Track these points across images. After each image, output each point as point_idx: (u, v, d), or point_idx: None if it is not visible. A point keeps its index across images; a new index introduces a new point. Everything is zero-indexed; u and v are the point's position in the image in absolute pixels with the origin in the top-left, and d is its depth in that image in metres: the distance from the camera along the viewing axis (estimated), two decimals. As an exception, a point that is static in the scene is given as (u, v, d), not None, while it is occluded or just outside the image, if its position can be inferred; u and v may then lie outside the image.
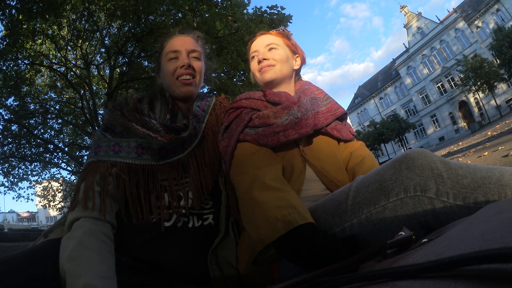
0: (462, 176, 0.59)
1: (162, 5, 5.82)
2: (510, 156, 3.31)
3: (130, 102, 0.92)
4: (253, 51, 1.08)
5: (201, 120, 0.99)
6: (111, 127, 0.90)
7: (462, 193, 0.57)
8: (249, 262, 0.78)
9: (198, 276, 0.87)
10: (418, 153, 0.63)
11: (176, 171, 0.89)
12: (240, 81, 6.51)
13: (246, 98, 1.02)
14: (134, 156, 0.86)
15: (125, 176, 0.83)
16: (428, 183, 0.59)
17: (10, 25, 5.94)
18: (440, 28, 31.12)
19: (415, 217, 0.60)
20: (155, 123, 0.88)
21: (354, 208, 0.67)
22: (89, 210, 0.78)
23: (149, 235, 0.84)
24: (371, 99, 40.96)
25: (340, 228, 0.69)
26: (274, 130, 0.88)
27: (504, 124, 11.90)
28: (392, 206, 0.62)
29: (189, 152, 0.91)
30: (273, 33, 1.08)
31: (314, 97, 0.99)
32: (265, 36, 1.07)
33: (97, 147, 0.87)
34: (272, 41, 1.05)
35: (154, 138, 0.86)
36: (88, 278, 0.65)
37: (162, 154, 0.87)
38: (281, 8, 5.63)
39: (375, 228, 0.64)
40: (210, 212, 0.94)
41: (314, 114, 0.93)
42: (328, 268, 0.44)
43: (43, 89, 9.09)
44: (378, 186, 0.64)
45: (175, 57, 1.00)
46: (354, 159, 0.99)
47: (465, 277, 0.24)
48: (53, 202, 11.48)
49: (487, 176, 0.58)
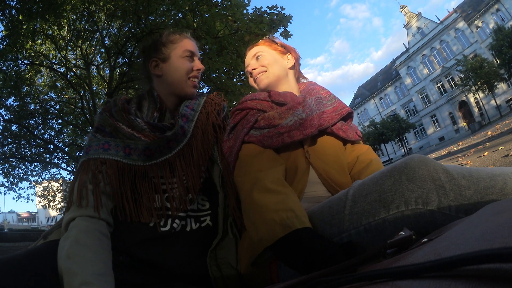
0: (465, 187, 0.57)
1: (162, 5, 5.82)
2: (510, 156, 3.31)
3: (119, 103, 0.93)
4: (246, 67, 1.12)
5: (190, 119, 0.97)
6: (102, 128, 0.90)
7: (465, 206, 0.56)
8: (250, 262, 0.78)
9: (197, 277, 0.87)
10: (419, 162, 0.60)
11: (163, 171, 0.88)
12: (240, 81, 6.50)
13: (252, 99, 1.02)
14: (122, 155, 0.86)
15: (113, 173, 0.83)
16: (430, 195, 0.57)
17: (10, 25, 5.94)
18: (440, 28, 31.12)
19: (416, 229, 0.59)
20: (140, 122, 0.88)
21: (352, 218, 0.65)
22: (83, 208, 0.78)
23: (146, 235, 0.84)
24: (371, 99, 40.98)
25: (338, 238, 0.68)
26: (278, 131, 0.88)
27: (504, 124, 11.90)
28: (392, 218, 0.60)
29: (177, 152, 0.91)
30: (258, 43, 1.12)
31: (319, 97, 0.98)
32: (251, 49, 1.11)
33: (88, 147, 0.88)
34: (257, 51, 1.09)
35: (138, 138, 0.87)
36: (84, 276, 0.65)
37: (147, 154, 0.87)
38: (281, 8, 5.63)
39: (374, 239, 0.63)
40: (207, 214, 0.94)
41: (319, 114, 0.92)
42: (328, 269, 0.44)
43: (43, 89, 9.08)
44: (377, 197, 0.62)
45: (190, 57, 1.01)
46: (360, 163, 0.98)
47: (465, 277, 0.24)
48: (53, 202, 11.47)
49: (490, 185, 0.56)
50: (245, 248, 0.85)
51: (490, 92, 23.16)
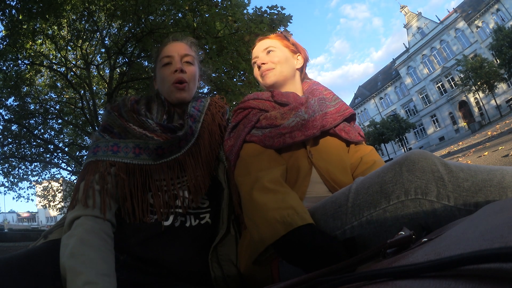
0: (463, 179, 0.58)
1: (162, 5, 5.82)
2: (510, 156, 3.31)
3: (128, 103, 0.94)
4: (254, 58, 1.09)
5: (197, 120, 0.99)
6: (109, 128, 0.91)
7: (463, 196, 0.57)
8: (250, 261, 0.78)
9: (197, 275, 0.87)
10: (419, 155, 0.62)
11: (173, 170, 0.89)
12: (240, 81, 6.50)
13: (254, 98, 1.02)
14: (132, 156, 0.86)
15: (124, 175, 0.84)
16: (429, 186, 0.59)
17: (10, 25, 5.94)
18: (440, 28, 31.12)
19: (416, 220, 0.60)
20: (152, 123, 0.89)
21: (354, 210, 0.66)
22: (89, 208, 0.78)
23: (148, 234, 0.85)
24: (371, 99, 40.98)
25: (340, 230, 0.68)
26: (280, 132, 0.88)
27: (504, 124, 11.90)
28: (393, 208, 0.62)
29: (186, 151, 0.92)
30: (270, 36, 1.09)
31: (322, 98, 0.98)
32: (263, 41, 1.08)
33: (96, 147, 0.88)
34: (269, 44, 1.06)
35: (150, 137, 0.87)
36: (89, 276, 0.65)
37: (159, 153, 0.88)
38: (281, 8, 5.63)
39: (376, 230, 0.64)
40: (206, 211, 0.95)
41: (322, 115, 0.92)
42: (328, 269, 0.44)
43: (43, 89, 9.09)
44: (379, 188, 0.64)
45: (168, 62, 1.02)
46: (364, 163, 0.98)
47: (465, 276, 0.24)
48: (53, 202, 11.48)
49: (488, 178, 0.58)
50: (245, 246, 0.85)
51: (490, 92, 23.15)
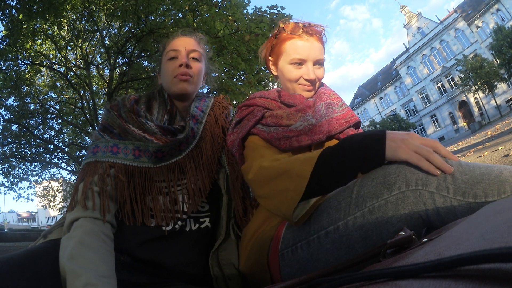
0: (462, 172, 0.60)
1: (162, 5, 5.83)
2: (510, 156, 3.32)
3: (128, 103, 0.91)
4: (300, 58, 0.93)
5: (200, 121, 0.98)
6: (109, 127, 0.89)
7: (462, 188, 0.59)
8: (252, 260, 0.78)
9: (198, 276, 0.87)
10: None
11: (173, 174, 0.88)
12: (240, 81, 6.50)
13: (261, 96, 1.02)
14: (131, 158, 0.85)
15: (123, 177, 0.83)
16: (429, 177, 0.61)
17: (10, 25, 5.95)
18: (440, 28, 31.12)
19: (416, 211, 0.62)
20: (151, 125, 0.87)
21: (358, 201, 0.68)
22: (89, 210, 0.78)
23: (147, 237, 0.84)
24: (371, 99, 40.98)
25: (343, 221, 0.69)
26: (287, 135, 0.88)
27: (504, 124, 11.90)
28: (394, 199, 0.63)
29: (187, 154, 0.90)
30: (319, 38, 0.95)
31: (329, 103, 0.98)
32: (314, 45, 0.93)
33: (95, 147, 0.87)
34: (321, 56, 0.95)
35: (149, 140, 0.86)
36: (88, 277, 0.65)
37: (159, 156, 0.86)
38: (281, 8, 5.64)
39: (377, 221, 0.65)
40: (206, 216, 0.94)
41: (328, 121, 0.93)
42: (328, 269, 0.44)
43: (43, 89, 9.10)
44: (382, 180, 0.66)
45: (174, 56, 0.99)
46: None
47: (465, 277, 0.24)
48: (53, 202, 11.50)
49: (486, 172, 0.60)
50: (245, 246, 0.85)
51: (490, 92, 23.17)
